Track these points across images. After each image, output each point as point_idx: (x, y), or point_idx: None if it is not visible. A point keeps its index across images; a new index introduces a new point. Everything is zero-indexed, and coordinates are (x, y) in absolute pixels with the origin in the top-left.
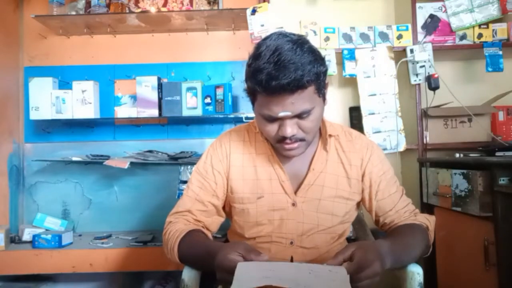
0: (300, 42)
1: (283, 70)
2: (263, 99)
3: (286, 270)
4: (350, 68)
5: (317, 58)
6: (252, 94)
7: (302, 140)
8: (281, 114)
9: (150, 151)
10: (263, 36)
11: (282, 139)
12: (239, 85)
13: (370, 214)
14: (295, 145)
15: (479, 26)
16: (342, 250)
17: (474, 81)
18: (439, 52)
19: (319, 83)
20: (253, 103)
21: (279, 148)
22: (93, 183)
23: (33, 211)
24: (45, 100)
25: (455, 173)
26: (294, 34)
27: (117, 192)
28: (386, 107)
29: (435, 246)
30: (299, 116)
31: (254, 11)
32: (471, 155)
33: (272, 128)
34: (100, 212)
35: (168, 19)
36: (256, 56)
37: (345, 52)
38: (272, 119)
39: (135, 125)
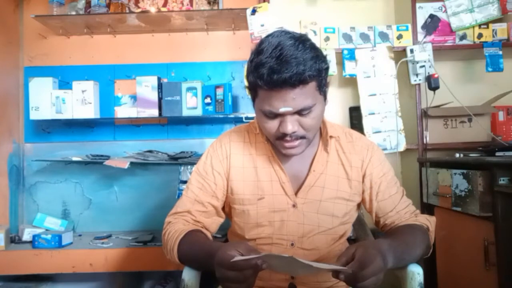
0: (302, 39)
1: (285, 65)
2: (264, 94)
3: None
4: (350, 68)
5: (319, 55)
6: (253, 89)
7: (302, 137)
8: (282, 109)
9: (150, 151)
10: (263, 36)
11: (282, 136)
12: (239, 85)
13: (371, 215)
14: (296, 143)
15: (479, 26)
16: (343, 253)
17: (474, 81)
18: (439, 52)
19: (321, 80)
20: (253, 99)
21: (279, 146)
22: (93, 183)
23: (33, 211)
24: (45, 100)
25: (455, 173)
26: (296, 32)
27: (117, 192)
28: (386, 107)
29: (435, 246)
30: (300, 112)
31: (254, 11)
32: (471, 155)
33: (273, 125)
34: (100, 212)
35: (168, 19)
36: (258, 51)
37: (345, 52)
38: (273, 115)
39: (135, 125)
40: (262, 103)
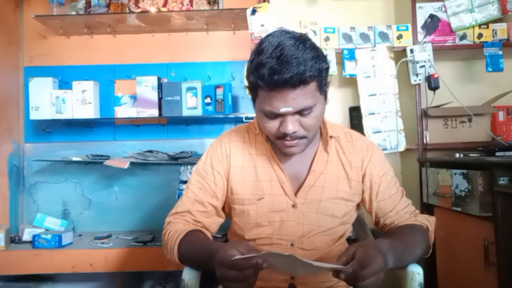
0: (302, 39)
1: (286, 65)
2: (265, 94)
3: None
4: (350, 68)
5: (320, 55)
6: (253, 90)
7: (302, 137)
8: (283, 109)
9: (150, 151)
10: (263, 36)
11: (283, 136)
12: (239, 85)
13: (370, 215)
14: (295, 142)
15: (479, 26)
16: (344, 252)
17: (474, 81)
18: (439, 52)
19: (321, 80)
20: (254, 99)
21: (279, 145)
22: (93, 183)
23: (33, 211)
24: (45, 100)
25: (455, 173)
26: (296, 32)
27: (117, 192)
28: (386, 107)
29: (435, 246)
30: (301, 112)
31: (254, 11)
32: (471, 155)
33: (273, 125)
34: (100, 212)
35: (168, 19)
36: (258, 51)
37: (345, 52)
38: (274, 115)
39: (135, 125)
40: (263, 103)
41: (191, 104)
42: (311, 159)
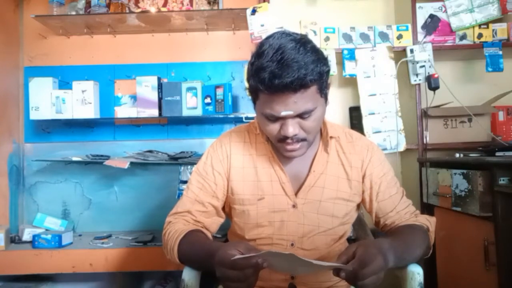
0: (303, 41)
1: (286, 69)
2: (266, 98)
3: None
4: (350, 68)
5: (320, 58)
6: (254, 92)
7: (303, 140)
8: (283, 113)
9: (150, 151)
10: (263, 36)
11: (284, 139)
12: (239, 85)
13: (371, 215)
14: (297, 145)
15: (479, 26)
16: (344, 251)
17: (474, 81)
18: (439, 52)
19: (322, 83)
20: (254, 102)
21: (280, 148)
22: (93, 183)
23: (33, 211)
24: (45, 100)
25: (455, 173)
26: (297, 34)
27: (117, 192)
28: (386, 107)
29: (435, 246)
30: (301, 115)
31: (254, 11)
32: (471, 155)
33: (274, 128)
34: (100, 212)
35: (168, 19)
36: (259, 54)
37: (345, 52)
38: (274, 118)
39: (135, 125)
40: (263, 107)
41: (191, 104)
42: (311, 160)
